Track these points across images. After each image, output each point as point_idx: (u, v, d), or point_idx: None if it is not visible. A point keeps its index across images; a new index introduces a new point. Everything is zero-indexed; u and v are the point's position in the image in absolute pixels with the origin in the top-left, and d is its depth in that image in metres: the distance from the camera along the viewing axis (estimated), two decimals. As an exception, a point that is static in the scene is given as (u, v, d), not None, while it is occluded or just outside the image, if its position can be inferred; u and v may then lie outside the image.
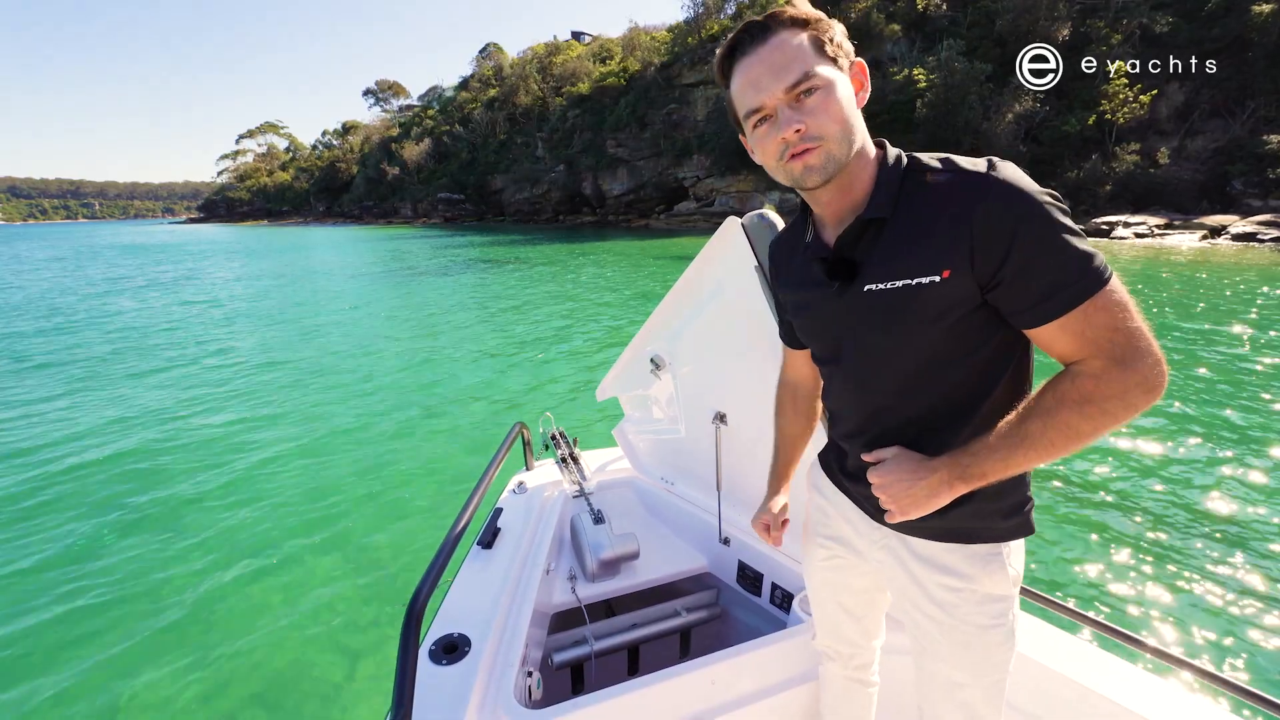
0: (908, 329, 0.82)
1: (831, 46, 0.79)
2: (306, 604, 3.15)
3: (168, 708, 2.53)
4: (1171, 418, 5.33)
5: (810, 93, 0.77)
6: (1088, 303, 0.71)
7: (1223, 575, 3.14)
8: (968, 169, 0.77)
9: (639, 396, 2.09)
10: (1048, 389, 0.77)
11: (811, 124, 0.77)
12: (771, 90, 0.77)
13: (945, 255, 0.76)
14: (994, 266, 0.74)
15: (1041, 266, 0.72)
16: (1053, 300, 0.73)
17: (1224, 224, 23.23)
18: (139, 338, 10.21)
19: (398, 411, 6.09)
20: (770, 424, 1.63)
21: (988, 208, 0.73)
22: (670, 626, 1.78)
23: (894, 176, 0.82)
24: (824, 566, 1.15)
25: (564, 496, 2.06)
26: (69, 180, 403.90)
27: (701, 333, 1.67)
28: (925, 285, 0.78)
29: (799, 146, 0.78)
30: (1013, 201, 0.72)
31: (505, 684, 1.25)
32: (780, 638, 1.38)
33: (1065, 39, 30.94)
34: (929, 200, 0.78)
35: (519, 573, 1.60)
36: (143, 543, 3.78)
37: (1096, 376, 0.72)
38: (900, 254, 0.80)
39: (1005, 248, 0.72)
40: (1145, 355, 0.71)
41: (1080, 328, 0.73)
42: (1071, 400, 0.73)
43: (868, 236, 0.83)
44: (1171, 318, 9.48)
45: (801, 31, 0.78)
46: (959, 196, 0.75)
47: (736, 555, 1.83)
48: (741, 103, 0.82)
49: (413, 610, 1.09)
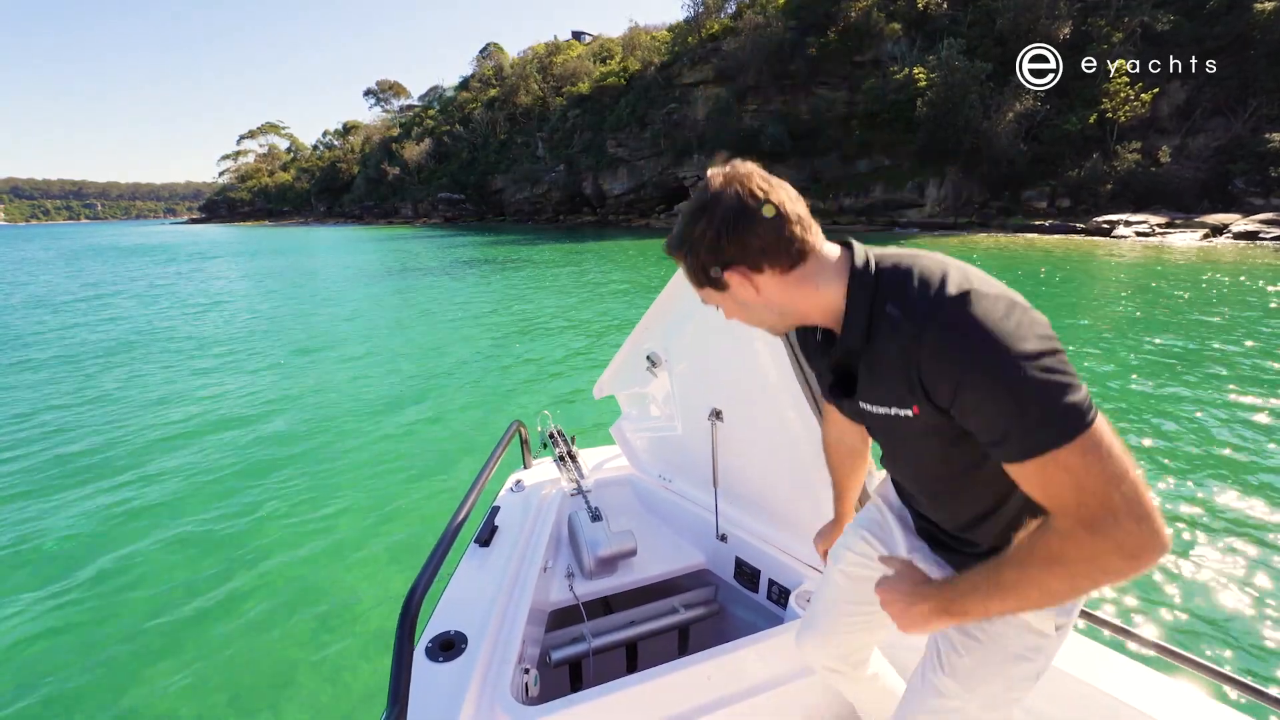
0: (908, 444, 0.86)
1: (703, 276, 0.83)
2: (301, 603, 3.15)
3: (157, 708, 2.52)
4: (1189, 426, 5.32)
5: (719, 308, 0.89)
6: (1044, 457, 0.64)
7: (1230, 572, 3.13)
8: (915, 308, 0.72)
9: (636, 394, 2.09)
10: (1025, 538, 0.71)
11: (740, 319, 0.90)
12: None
13: (908, 395, 0.76)
14: (945, 406, 0.72)
15: (989, 412, 0.67)
16: (1003, 447, 0.68)
17: (1225, 223, 23.20)
18: (146, 338, 10.24)
19: (394, 412, 6.09)
20: (766, 421, 1.63)
21: (932, 349, 0.70)
22: (668, 623, 1.78)
23: (863, 301, 0.79)
24: (855, 564, 1.14)
25: (561, 494, 2.06)
26: (71, 181, 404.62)
27: (696, 329, 1.67)
28: (903, 417, 0.79)
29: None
30: (956, 348, 0.67)
31: (502, 681, 1.25)
32: (777, 633, 1.39)
33: (1066, 37, 30.88)
34: (889, 338, 0.75)
35: (516, 570, 1.60)
36: (135, 535, 3.79)
37: (1063, 536, 0.66)
38: (877, 385, 0.82)
39: (951, 392, 0.69)
40: (1121, 520, 0.62)
41: (1040, 481, 0.67)
42: (1040, 558, 0.68)
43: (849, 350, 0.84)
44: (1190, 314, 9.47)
45: (680, 263, 0.85)
46: (906, 338, 0.72)
47: (734, 552, 1.83)
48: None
49: (408, 607, 1.09)
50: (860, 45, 37.48)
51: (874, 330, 0.78)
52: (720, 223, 0.77)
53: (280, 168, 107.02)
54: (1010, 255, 19.56)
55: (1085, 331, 8.66)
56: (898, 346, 0.74)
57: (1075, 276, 14.72)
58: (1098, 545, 0.63)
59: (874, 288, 0.78)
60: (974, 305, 0.68)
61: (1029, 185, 30.80)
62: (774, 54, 38.05)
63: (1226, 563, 3.22)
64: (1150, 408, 5.57)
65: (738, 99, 39.93)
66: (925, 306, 0.71)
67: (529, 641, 1.47)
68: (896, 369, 0.75)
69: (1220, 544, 3.38)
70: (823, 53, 37.83)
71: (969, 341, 0.67)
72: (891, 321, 0.75)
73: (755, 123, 38.61)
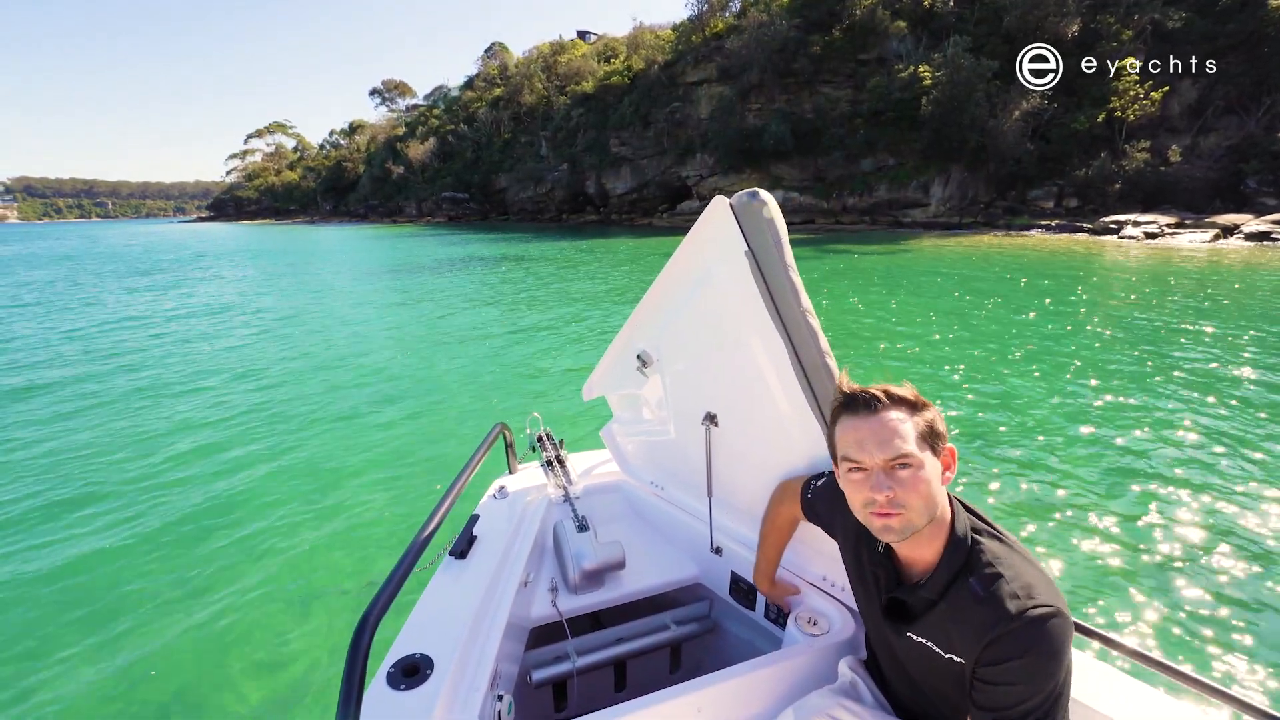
0: (931, 675, 1.02)
1: (930, 434, 0.93)
2: (250, 616, 2.95)
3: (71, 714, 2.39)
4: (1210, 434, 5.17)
5: (904, 467, 0.91)
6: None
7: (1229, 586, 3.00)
8: (1002, 603, 0.88)
9: (627, 396, 1.97)
10: None
11: (900, 494, 0.91)
12: (874, 455, 0.92)
13: (961, 652, 0.94)
14: (972, 667, 0.92)
15: (1016, 695, 0.86)
16: (999, 714, 0.88)
17: (1236, 223, 22.85)
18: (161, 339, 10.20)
19: (375, 410, 6.00)
20: (763, 427, 1.51)
21: (1000, 642, 0.87)
22: (659, 640, 1.67)
23: (954, 563, 0.95)
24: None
25: (547, 502, 1.95)
26: (83, 180, 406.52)
27: (689, 326, 1.55)
28: (945, 659, 0.97)
29: (884, 509, 0.92)
30: (1026, 647, 0.85)
31: (470, 708, 1.14)
32: (777, 659, 1.28)
33: (1074, 35, 30.53)
34: (967, 608, 0.92)
35: (493, 584, 1.49)
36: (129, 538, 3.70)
37: None
38: (936, 628, 0.97)
39: (992, 668, 0.88)
40: None
41: None
42: None
43: (921, 598, 1.00)
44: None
45: (910, 413, 0.93)
46: (984, 624, 0.89)
47: (729, 566, 1.71)
48: (843, 447, 0.96)
49: (362, 629, 0.99)
50: (865, 43, 37.21)
51: (954, 592, 0.94)
52: None
53: (287, 167, 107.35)
54: (1007, 255, 19.33)
55: (1073, 333, 8.49)
56: (974, 627, 0.90)
57: (1059, 277, 14.50)
58: None
59: (967, 556, 0.95)
60: (1052, 630, 0.85)
61: (1035, 184, 30.49)
62: (778, 52, 37.82)
63: (1224, 577, 3.09)
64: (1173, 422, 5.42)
65: (741, 97, 39.70)
66: (1006, 611, 0.87)
67: (505, 661, 1.36)
68: (964, 636, 0.92)
69: (1214, 556, 3.25)
70: (827, 51, 37.59)
71: (1042, 653, 0.85)
72: (977, 598, 0.91)
73: (759, 121, 38.37)
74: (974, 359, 7.31)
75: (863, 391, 0.95)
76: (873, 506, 0.93)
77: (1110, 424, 5.13)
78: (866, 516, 0.95)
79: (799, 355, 1.27)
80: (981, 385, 6.33)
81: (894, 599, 1.04)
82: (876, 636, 1.15)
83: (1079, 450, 4.62)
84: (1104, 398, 5.79)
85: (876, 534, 0.96)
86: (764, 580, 1.50)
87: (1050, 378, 6.48)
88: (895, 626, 1.04)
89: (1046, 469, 4.31)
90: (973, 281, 13.92)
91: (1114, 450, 4.59)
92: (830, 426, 1.01)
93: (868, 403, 0.94)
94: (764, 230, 1.21)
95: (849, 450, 0.94)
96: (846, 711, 1.13)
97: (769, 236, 1.21)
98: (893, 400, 0.93)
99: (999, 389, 6.19)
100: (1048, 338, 8.17)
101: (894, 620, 1.04)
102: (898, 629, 1.03)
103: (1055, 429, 5.06)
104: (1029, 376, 6.55)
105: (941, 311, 10.41)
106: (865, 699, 1.17)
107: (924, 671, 1.03)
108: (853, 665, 1.23)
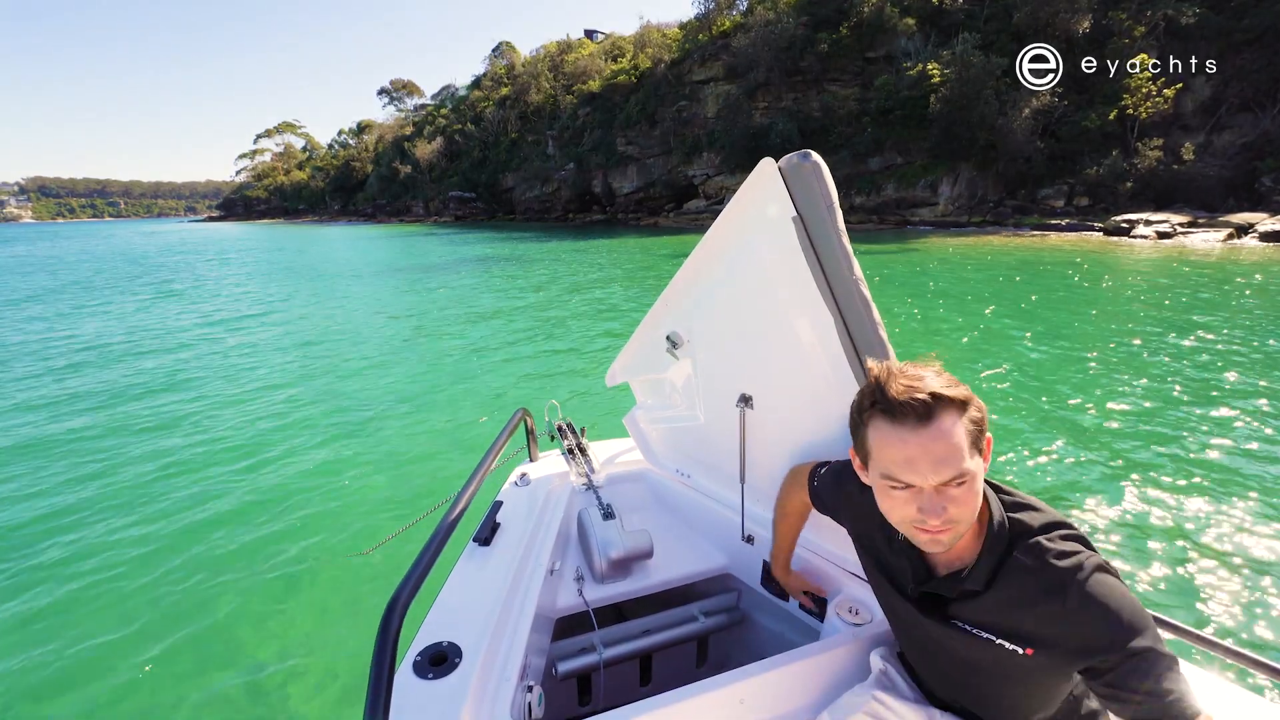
0: (981, 670, 0.94)
1: (978, 435, 0.82)
2: (280, 610, 2.95)
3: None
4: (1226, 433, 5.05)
5: (959, 484, 0.81)
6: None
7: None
8: (1057, 567, 0.82)
9: (652, 381, 1.92)
10: None
11: (953, 511, 0.82)
12: (926, 478, 0.81)
13: (1031, 640, 0.85)
14: (1088, 665, 0.81)
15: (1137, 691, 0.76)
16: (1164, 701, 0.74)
17: (1251, 222, 22.49)
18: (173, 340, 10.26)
19: (392, 406, 5.98)
20: (802, 408, 1.45)
21: (1081, 618, 0.80)
22: (686, 632, 1.62)
23: (996, 549, 0.88)
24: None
25: (570, 490, 1.90)
26: (95, 180, 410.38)
27: (726, 302, 1.47)
28: (1006, 651, 0.88)
29: (936, 529, 0.83)
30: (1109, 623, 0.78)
31: (501, 700, 1.09)
32: (816, 650, 1.21)
33: (1086, 31, 30.20)
34: (1022, 585, 0.85)
35: (519, 573, 1.44)
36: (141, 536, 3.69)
37: None
38: (988, 618, 0.90)
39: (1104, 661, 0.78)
40: None
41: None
42: None
43: (962, 590, 0.91)
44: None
45: (959, 415, 0.81)
46: (1049, 595, 0.83)
47: (760, 555, 1.65)
48: (884, 462, 0.84)
49: (390, 616, 0.94)
50: (873, 41, 36.96)
51: (1002, 576, 0.87)
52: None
53: (296, 166, 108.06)
54: (1015, 255, 19.14)
55: (1086, 329, 8.36)
56: (1039, 603, 0.83)
57: (1050, 278, 14.32)
58: None
59: (1008, 539, 0.88)
60: (1106, 585, 0.81)
61: (1046, 183, 30.16)
62: (785, 50, 37.64)
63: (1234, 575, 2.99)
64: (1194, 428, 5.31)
65: (748, 96, 39.55)
66: (1065, 571, 0.82)
67: (533, 653, 1.31)
68: (1028, 619, 0.85)
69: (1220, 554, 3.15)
70: (834, 49, 37.36)
71: (1122, 622, 0.78)
72: (1029, 571, 0.85)
73: (765, 120, 38.21)
74: (988, 352, 7.21)
75: (911, 396, 0.79)
76: (921, 524, 0.83)
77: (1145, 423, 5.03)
78: (910, 530, 0.86)
79: (849, 329, 1.20)
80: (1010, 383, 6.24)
81: (927, 593, 0.96)
82: (902, 626, 1.08)
83: (1118, 444, 4.53)
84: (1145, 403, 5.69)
85: (921, 546, 0.88)
86: (780, 568, 1.47)
87: (1077, 378, 6.38)
88: (933, 616, 0.96)
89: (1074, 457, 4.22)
90: (973, 282, 13.80)
91: (1141, 446, 4.50)
92: (860, 424, 0.87)
93: (918, 411, 0.79)
94: (815, 193, 1.14)
95: (893, 469, 0.82)
96: (884, 707, 1.07)
97: (820, 200, 1.14)
98: (940, 403, 0.79)
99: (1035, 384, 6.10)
100: (1061, 336, 8.06)
101: (927, 611, 0.97)
102: (938, 618, 0.96)
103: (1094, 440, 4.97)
104: (1067, 380, 6.44)
105: (950, 309, 10.31)
106: (903, 691, 1.11)
107: (962, 659, 0.96)
108: (885, 656, 1.18)
